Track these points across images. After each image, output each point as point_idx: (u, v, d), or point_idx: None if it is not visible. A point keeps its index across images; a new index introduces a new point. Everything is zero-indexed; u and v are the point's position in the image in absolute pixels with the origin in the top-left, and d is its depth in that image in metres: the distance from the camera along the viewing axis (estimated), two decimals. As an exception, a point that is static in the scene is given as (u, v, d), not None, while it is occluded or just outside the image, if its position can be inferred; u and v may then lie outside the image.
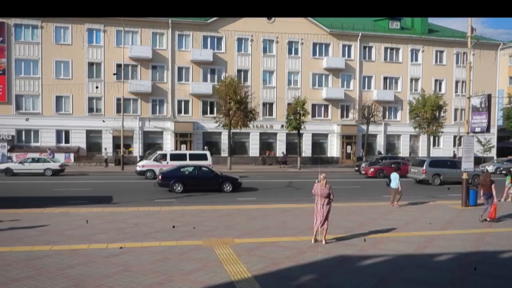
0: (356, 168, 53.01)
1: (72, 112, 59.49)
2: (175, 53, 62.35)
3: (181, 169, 34.26)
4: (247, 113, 54.33)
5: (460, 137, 51.30)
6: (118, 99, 59.51)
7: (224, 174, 36.38)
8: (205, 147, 60.79)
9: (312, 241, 16.48)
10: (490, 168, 53.70)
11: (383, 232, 18.42)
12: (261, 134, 64.76)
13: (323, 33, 66.67)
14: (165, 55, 62.00)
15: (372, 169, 46.01)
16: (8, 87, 57.52)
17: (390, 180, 27.19)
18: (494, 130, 70.42)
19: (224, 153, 61.24)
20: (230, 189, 32.95)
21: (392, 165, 45.96)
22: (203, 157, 44.53)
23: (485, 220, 21.23)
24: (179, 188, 32.23)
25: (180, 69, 62.90)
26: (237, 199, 28.81)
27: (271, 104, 65.78)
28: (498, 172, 52.27)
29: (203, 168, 35.00)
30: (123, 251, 14.79)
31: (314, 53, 67.04)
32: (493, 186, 21.32)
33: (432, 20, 77.24)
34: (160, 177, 33.20)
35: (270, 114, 65.82)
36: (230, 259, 13.87)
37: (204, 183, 33.23)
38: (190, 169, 34.35)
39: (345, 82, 68.42)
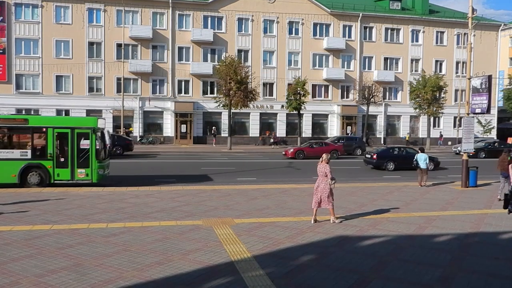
0: None
1: (72, 92, 59.48)
2: (175, 33, 62.19)
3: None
4: (247, 93, 54.31)
5: (460, 118, 51.18)
6: (118, 79, 59.61)
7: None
8: (213, 128, 61.24)
9: (312, 221, 16.47)
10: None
11: (382, 212, 18.43)
12: (261, 114, 64.82)
13: (323, 14, 66.47)
14: (166, 35, 61.85)
15: (291, 150, 45.70)
16: (8, 67, 57.45)
17: (417, 161, 27.11)
18: (494, 111, 70.49)
19: (224, 133, 61.30)
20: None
21: (314, 145, 46.10)
22: None
23: (500, 199, 21.09)
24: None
25: (180, 49, 62.82)
26: (236, 179, 28.77)
27: (271, 85, 65.73)
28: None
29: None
30: (122, 230, 14.82)
31: (314, 34, 66.92)
32: (510, 166, 20.90)
33: (433, 1, 77.06)
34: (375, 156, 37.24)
35: (270, 94, 65.81)
36: (230, 239, 13.89)
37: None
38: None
39: (346, 63, 68.38)
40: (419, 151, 28.11)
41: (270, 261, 11.83)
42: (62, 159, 24.51)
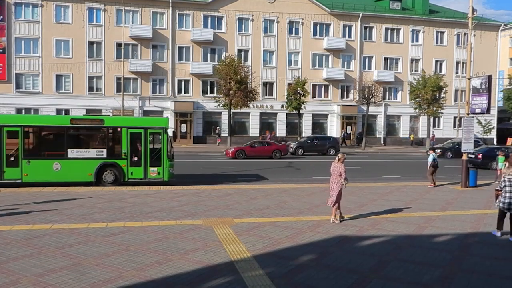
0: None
1: (72, 91, 59.49)
2: (175, 32, 62.19)
3: None
4: (247, 93, 54.39)
5: (460, 118, 51.19)
6: (118, 79, 59.60)
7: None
8: (217, 128, 61.40)
9: (331, 220, 16.69)
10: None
11: (382, 212, 18.45)
12: (261, 114, 64.81)
13: (323, 13, 66.48)
14: (166, 34, 61.85)
15: (232, 149, 44.97)
16: (8, 66, 57.46)
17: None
18: (494, 111, 70.47)
19: (224, 133, 61.29)
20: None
21: (256, 145, 45.98)
22: None
23: None
24: None
25: (180, 48, 62.81)
26: (237, 178, 28.83)
27: (271, 84, 65.74)
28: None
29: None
30: (122, 230, 14.83)
31: (314, 33, 66.93)
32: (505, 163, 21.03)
33: (433, 1, 77.08)
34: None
35: (270, 94, 65.82)
36: (230, 239, 13.90)
37: None
38: None
39: (346, 63, 68.40)
40: (430, 151, 28.10)
41: (270, 260, 11.84)
42: (135, 158, 25.48)
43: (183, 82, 63.28)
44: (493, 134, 72.27)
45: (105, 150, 25.16)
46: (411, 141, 67.15)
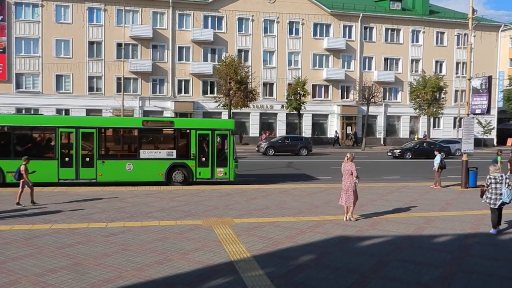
0: (257, 149, 52.21)
1: (72, 91, 59.49)
2: (175, 32, 62.20)
3: None
4: (248, 93, 54.42)
5: (460, 118, 51.19)
6: (119, 79, 59.62)
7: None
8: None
9: (344, 219, 16.96)
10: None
11: (382, 213, 18.45)
12: (261, 114, 64.75)
13: (323, 14, 66.49)
14: (166, 34, 61.85)
15: None
16: (9, 66, 57.48)
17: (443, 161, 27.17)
18: (494, 112, 70.55)
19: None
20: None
21: None
22: None
23: None
24: None
25: (180, 48, 62.83)
26: (236, 179, 28.88)
27: (271, 84, 65.74)
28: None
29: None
30: (122, 230, 14.83)
31: (314, 34, 66.92)
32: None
33: (433, 1, 77.11)
34: None
35: (271, 94, 65.82)
36: (230, 239, 13.90)
37: None
38: None
39: (346, 63, 68.41)
40: (437, 152, 28.02)
41: (270, 261, 11.84)
42: (203, 159, 26.29)
43: (183, 82, 63.28)
44: (493, 135, 72.33)
45: (174, 151, 26.00)
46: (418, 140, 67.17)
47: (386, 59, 69.93)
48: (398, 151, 48.60)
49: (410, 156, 48.49)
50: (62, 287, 9.86)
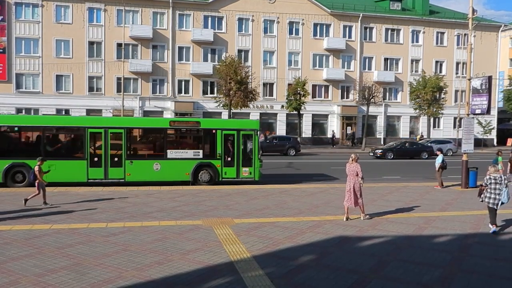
0: None
1: (72, 92, 59.49)
2: (175, 32, 62.21)
3: None
4: (248, 94, 54.38)
5: (460, 118, 51.18)
6: (119, 79, 59.61)
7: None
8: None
9: (344, 219, 17.01)
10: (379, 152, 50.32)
11: (382, 213, 18.45)
12: (261, 114, 64.58)
13: (323, 14, 66.49)
14: (166, 34, 61.85)
15: None
16: (9, 66, 57.48)
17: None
18: (494, 112, 70.56)
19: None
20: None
21: None
22: None
23: None
24: None
25: (180, 48, 62.82)
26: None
27: (271, 85, 65.74)
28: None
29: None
30: (122, 230, 14.83)
31: (314, 34, 66.92)
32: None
33: (433, 1, 77.11)
34: None
35: (271, 94, 65.81)
36: (230, 239, 13.90)
37: None
38: None
39: (346, 63, 68.40)
40: (439, 152, 27.99)
41: (270, 261, 11.84)
42: (228, 159, 26.75)
43: (183, 82, 63.29)
44: (493, 135, 72.33)
45: (201, 151, 26.45)
46: (417, 141, 67.02)
47: (386, 59, 69.94)
48: (380, 151, 48.58)
49: (392, 156, 48.44)
50: (62, 287, 9.87)
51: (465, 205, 21.05)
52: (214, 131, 26.57)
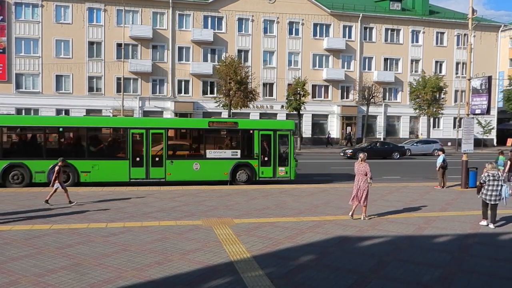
0: None
1: (72, 92, 59.53)
2: (175, 32, 62.25)
3: None
4: (247, 94, 54.40)
5: (460, 118, 51.19)
6: (118, 79, 59.65)
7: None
8: None
9: (349, 215, 17.24)
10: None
11: (382, 213, 18.44)
12: (261, 114, 64.56)
13: (323, 14, 66.53)
14: (166, 34, 61.90)
15: None
16: (8, 66, 57.51)
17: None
18: (494, 112, 70.60)
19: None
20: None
21: None
22: None
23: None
24: None
25: (180, 49, 62.88)
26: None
27: (271, 85, 65.78)
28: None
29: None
30: (122, 230, 14.83)
31: (314, 34, 66.99)
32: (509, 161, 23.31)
33: (433, 1, 77.10)
34: None
35: (270, 94, 65.86)
36: (230, 239, 13.89)
37: None
38: None
39: (346, 63, 68.47)
40: (440, 152, 27.94)
41: (270, 261, 11.83)
42: (265, 158, 27.25)
43: (183, 82, 63.33)
44: (493, 135, 72.36)
45: (239, 151, 26.94)
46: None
47: (386, 59, 69.99)
48: (350, 151, 48.40)
49: None
50: (62, 287, 9.86)
51: (465, 205, 21.07)
52: (251, 131, 27.10)
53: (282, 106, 63.32)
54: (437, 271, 11.41)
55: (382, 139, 68.27)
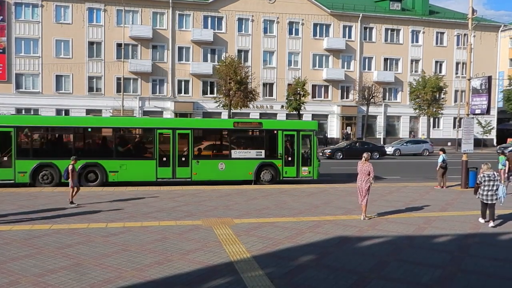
0: None
1: (72, 92, 59.52)
2: (175, 33, 62.24)
3: None
4: (247, 94, 54.44)
5: (460, 118, 51.21)
6: (118, 79, 59.65)
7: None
8: None
9: (362, 218, 17.28)
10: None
11: (382, 213, 18.44)
12: (261, 114, 64.43)
13: (323, 14, 66.53)
14: (166, 34, 61.89)
15: None
16: (8, 66, 57.50)
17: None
18: (494, 112, 70.59)
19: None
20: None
21: None
22: None
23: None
24: None
25: (180, 49, 62.87)
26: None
27: (271, 85, 65.78)
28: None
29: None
30: (122, 230, 14.83)
31: (314, 34, 66.99)
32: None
33: (433, 1, 77.09)
34: None
35: (270, 94, 65.85)
36: (229, 239, 13.89)
37: None
38: None
39: (346, 63, 68.47)
40: (440, 152, 27.94)
41: (270, 261, 11.83)
42: (289, 158, 27.49)
43: (183, 83, 63.33)
44: (493, 135, 72.34)
45: (263, 151, 27.23)
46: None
47: (386, 59, 69.99)
48: (329, 151, 48.47)
49: (341, 156, 48.00)
50: (61, 287, 9.86)
51: (465, 205, 21.06)
52: (275, 131, 27.34)
53: (282, 106, 63.35)
54: (437, 271, 11.41)
55: (382, 139, 68.37)
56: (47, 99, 58.12)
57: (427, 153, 54.59)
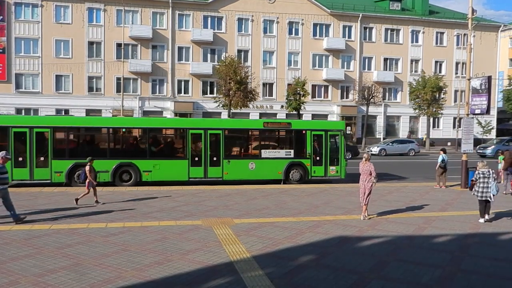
0: None
1: (72, 92, 59.50)
2: (175, 32, 62.22)
3: None
4: (247, 94, 54.38)
5: (460, 118, 51.21)
6: (118, 79, 59.63)
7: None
8: None
9: (362, 218, 17.30)
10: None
11: (381, 213, 18.44)
12: (261, 114, 64.41)
13: (323, 14, 66.52)
14: (165, 34, 61.87)
15: None
16: (8, 66, 57.48)
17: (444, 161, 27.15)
18: (494, 112, 70.59)
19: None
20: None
21: None
22: None
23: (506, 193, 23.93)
24: None
25: (180, 49, 62.85)
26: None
27: (271, 85, 65.76)
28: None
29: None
30: (121, 230, 14.82)
31: (314, 34, 66.98)
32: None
33: (432, 1, 77.05)
34: None
35: (270, 94, 65.84)
36: (229, 239, 13.88)
37: None
38: None
39: (345, 63, 68.45)
40: (441, 152, 27.92)
41: (270, 261, 11.82)
42: (317, 158, 28.01)
43: (183, 82, 63.32)
44: (493, 135, 72.25)
45: (292, 151, 27.66)
46: (424, 142, 66.68)
47: (385, 59, 70.00)
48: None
49: None
50: (61, 287, 9.86)
51: (465, 205, 21.05)
52: (304, 131, 27.82)
53: (282, 106, 63.35)
54: (437, 271, 11.40)
55: (382, 139, 68.35)
56: (47, 99, 58.11)
57: (413, 153, 54.76)
